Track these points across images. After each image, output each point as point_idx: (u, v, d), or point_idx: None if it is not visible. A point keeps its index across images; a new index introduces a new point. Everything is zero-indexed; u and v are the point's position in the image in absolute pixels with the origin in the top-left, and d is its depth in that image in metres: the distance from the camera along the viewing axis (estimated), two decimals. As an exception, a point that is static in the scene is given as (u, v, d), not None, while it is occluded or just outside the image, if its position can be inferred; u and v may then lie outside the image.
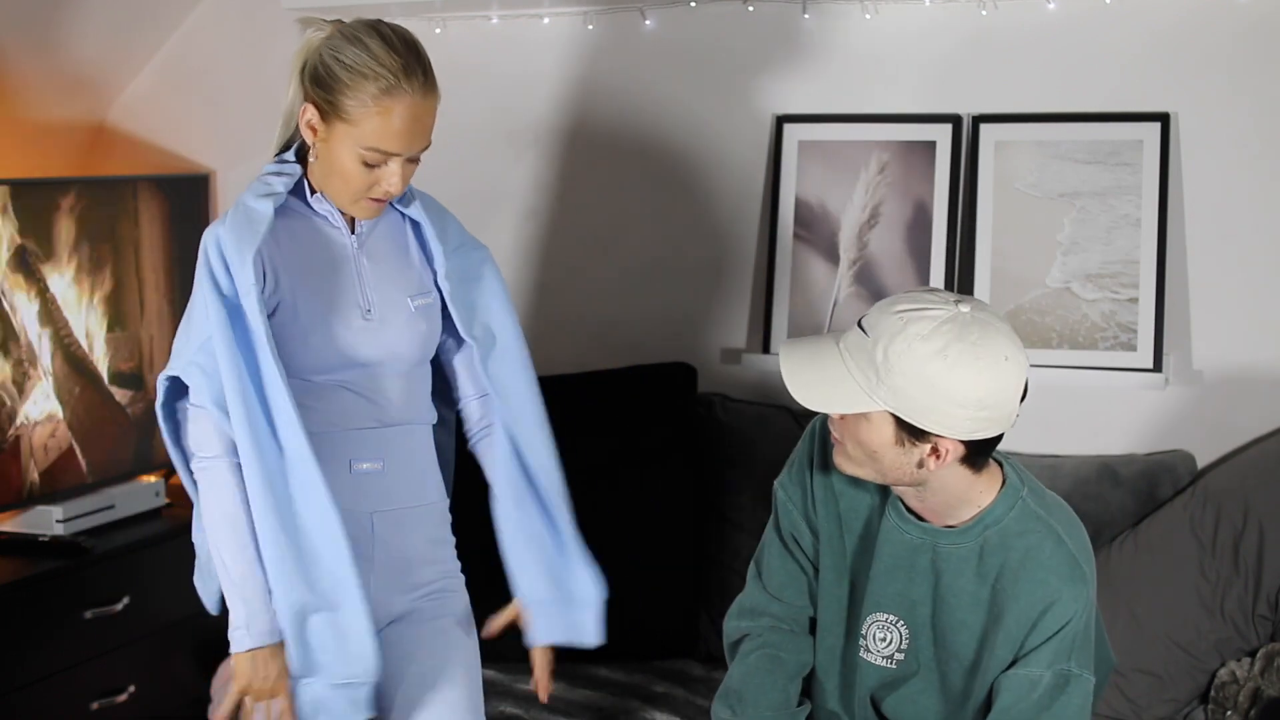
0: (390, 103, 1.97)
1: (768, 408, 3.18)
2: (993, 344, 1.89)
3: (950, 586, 2.04)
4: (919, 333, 1.88)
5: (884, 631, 2.08)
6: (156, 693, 3.26)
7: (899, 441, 1.93)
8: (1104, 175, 3.01)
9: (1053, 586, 1.97)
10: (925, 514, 2.05)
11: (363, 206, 2.06)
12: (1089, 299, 3.00)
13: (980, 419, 1.90)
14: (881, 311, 1.94)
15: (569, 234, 3.45)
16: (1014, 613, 1.98)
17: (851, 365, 1.93)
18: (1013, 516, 2.01)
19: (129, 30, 3.55)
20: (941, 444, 1.92)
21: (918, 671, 2.08)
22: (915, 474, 1.97)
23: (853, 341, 1.95)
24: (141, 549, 3.21)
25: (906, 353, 1.88)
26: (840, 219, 3.19)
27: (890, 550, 2.07)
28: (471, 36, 3.40)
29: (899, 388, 1.89)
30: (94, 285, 3.29)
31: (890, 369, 1.89)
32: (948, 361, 1.87)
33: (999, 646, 2.00)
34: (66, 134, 3.64)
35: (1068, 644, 1.97)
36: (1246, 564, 2.74)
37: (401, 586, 2.15)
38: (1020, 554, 1.99)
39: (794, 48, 3.23)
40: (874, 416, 1.92)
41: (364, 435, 2.10)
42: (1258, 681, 2.69)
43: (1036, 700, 1.97)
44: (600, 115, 3.39)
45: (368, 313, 2.09)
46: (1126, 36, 3.01)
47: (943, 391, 1.87)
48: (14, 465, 3.11)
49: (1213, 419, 2.99)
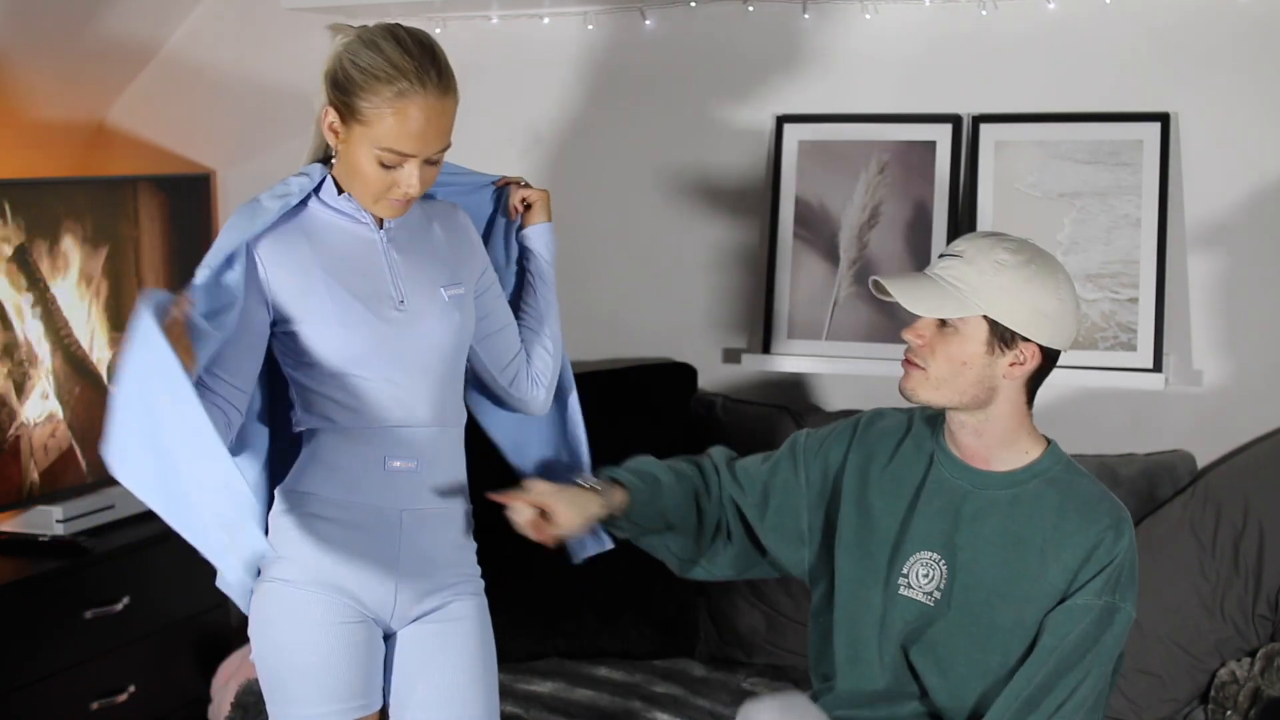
0: (404, 104, 1.99)
1: (768, 408, 3.18)
2: (1060, 267, 2.17)
3: (997, 528, 2.17)
4: (1009, 247, 2.13)
5: (927, 569, 2.21)
6: (156, 693, 3.27)
7: (990, 349, 2.12)
8: (1104, 175, 3.01)
9: (1103, 524, 2.13)
10: (976, 455, 2.20)
11: (385, 206, 2.09)
12: (1089, 299, 3.00)
13: (1058, 327, 2.13)
14: (967, 240, 2.18)
15: (569, 234, 3.43)
16: (1070, 546, 2.13)
17: (947, 283, 2.13)
18: (1059, 469, 2.20)
19: (129, 30, 3.55)
20: (1026, 349, 2.12)
21: (949, 611, 2.17)
22: (990, 389, 2.14)
23: (943, 265, 2.16)
24: (141, 549, 3.21)
25: (1000, 262, 2.11)
26: (840, 219, 3.19)
27: (941, 496, 2.22)
28: (471, 36, 3.40)
29: (995, 293, 2.10)
30: (94, 285, 3.29)
31: (987, 276, 2.11)
32: (1035, 270, 2.11)
33: (1051, 575, 2.13)
34: (66, 134, 3.64)
35: (1115, 578, 2.11)
36: (1246, 564, 2.74)
37: (425, 587, 2.16)
38: (1072, 497, 2.17)
39: (794, 48, 3.23)
40: (969, 326, 2.12)
41: (399, 433, 2.11)
42: (1258, 681, 2.69)
43: (1085, 630, 2.10)
44: (600, 115, 3.39)
45: (400, 304, 2.11)
46: (1126, 36, 3.01)
47: (1031, 296, 2.10)
48: (14, 465, 3.11)
49: (1213, 419, 2.99)
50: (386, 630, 2.17)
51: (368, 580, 2.11)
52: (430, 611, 2.17)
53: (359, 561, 2.10)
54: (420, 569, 2.15)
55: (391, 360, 2.10)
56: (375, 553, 2.11)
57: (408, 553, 2.13)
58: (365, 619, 2.12)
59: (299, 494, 2.12)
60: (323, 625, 2.09)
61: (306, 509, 2.11)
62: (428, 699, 2.15)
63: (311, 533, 2.10)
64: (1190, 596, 2.77)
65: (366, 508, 2.11)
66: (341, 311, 2.07)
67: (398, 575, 2.13)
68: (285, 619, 2.10)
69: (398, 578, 2.13)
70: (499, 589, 2.29)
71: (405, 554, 2.13)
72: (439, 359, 2.14)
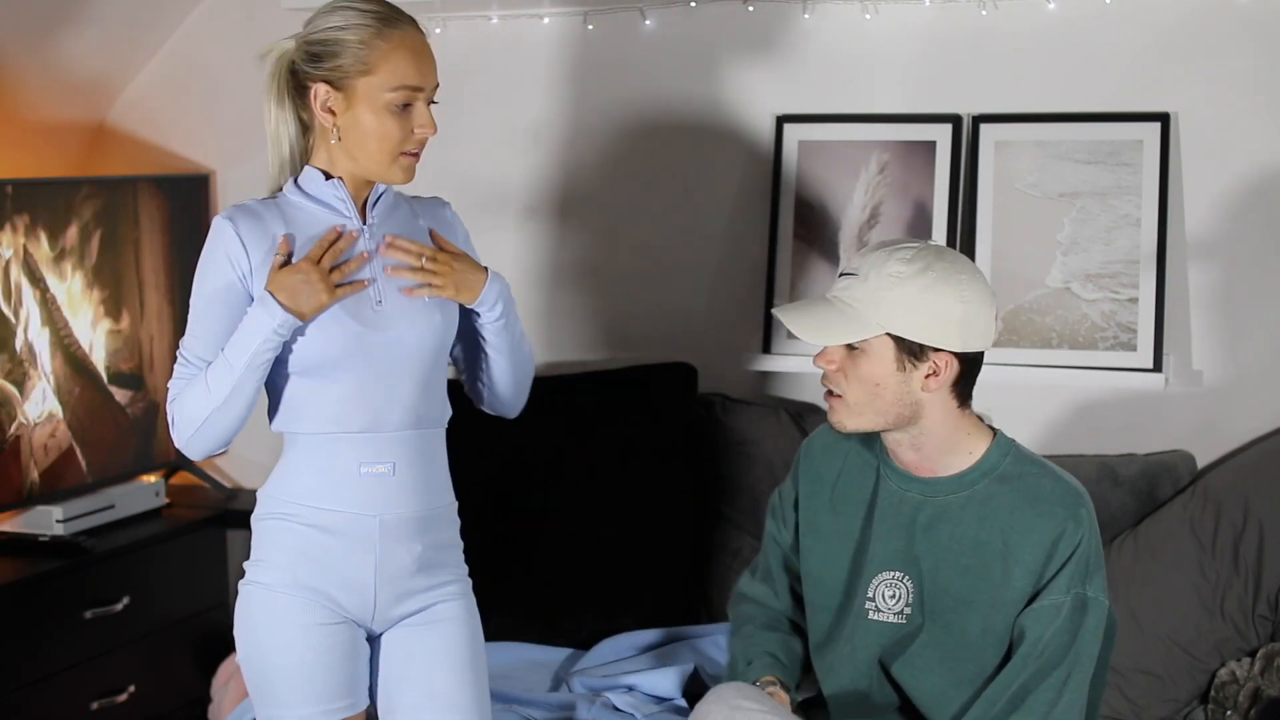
0: (396, 35, 2.02)
1: (768, 408, 3.18)
2: (964, 265, 2.12)
3: (953, 535, 2.15)
4: (903, 258, 2.08)
5: (892, 589, 2.18)
6: (156, 693, 3.27)
7: (900, 365, 2.08)
8: (1104, 175, 3.01)
9: (1059, 517, 2.10)
10: (920, 466, 2.17)
11: (402, 164, 2.07)
12: (1089, 299, 3.00)
13: (969, 330, 2.08)
14: (861, 254, 2.14)
15: (569, 234, 3.45)
16: (1029, 547, 2.10)
17: (845, 305, 2.10)
18: (1008, 462, 2.16)
19: (129, 30, 3.55)
20: (939, 358, 2.08)
21: (922, 625, 2.16)
22: (913, 405, 2.11)
23: (841, 286, 2.13)
24: (141, 549, 3.21)
25: (895, 276, 2.07)
26: (840, 219, 3.19)
27: (892, 511, 2.19)
28: (471, 36, 3.39)
29: (893, 309, 2.06)
30: (94, 285, 3.29)
31: (883, 293, 2.07)
32: (933, 276, 2.06)
33: (1016, 579, 2.10)
34: (66, 134, 3.64)
35: (1082, 568, 2.09)
36: (1246, 564, 2.74)
37: (408, 590, 2.13)
38: (1023, 494, 2.13)
39: (794, 48, 3.23)
40: (874, 346, 2.08)
41: (373, 438, 2.09)
42: (1258, 681, 2.69)
43: (1060, 626, 2.07)
44: (600, 115, 3.39)
45: (378, 304, 2.08)
46: (1126, 36, 3.01)
47: (932, 306, 2.06)
48: (14, 465, 3.11)
49: (1213, 419, 2.99)
50: (370, 632, 2.15)
51: (345, 584, 2.09)
52: (414, 613, 2.15)
53: (336, 566, 2.09)
54: (399, 573, 2.12)
55: (365, 363, 2.07)
56: (352, 558, 2.09)
57: (385, 558, 2.10)
58: (346, 620, 2.10)
59: (277, 498, 2.11)
60: (302, 627, 2.07)
61: (284, 513, 2.10)
62: (416, 702, 2.13)
63: (289, 537, 2.09)
64: (1190, 596, 2.77)
65: (341, 514, 2.08)
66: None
67: (375, 580, 2.10)
68: (266, 622, 2.09)
69: (375, 582, 2.10)
70: (499, 588, 2.29)
71: (382, 559, 2.10)
72: (417, 361, 2.10)
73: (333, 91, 2.03)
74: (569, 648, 2.99)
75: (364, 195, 2.12)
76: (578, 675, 2.78)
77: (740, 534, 3.09)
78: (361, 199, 2.12)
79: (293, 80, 2.08)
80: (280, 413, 2.11)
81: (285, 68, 2.08)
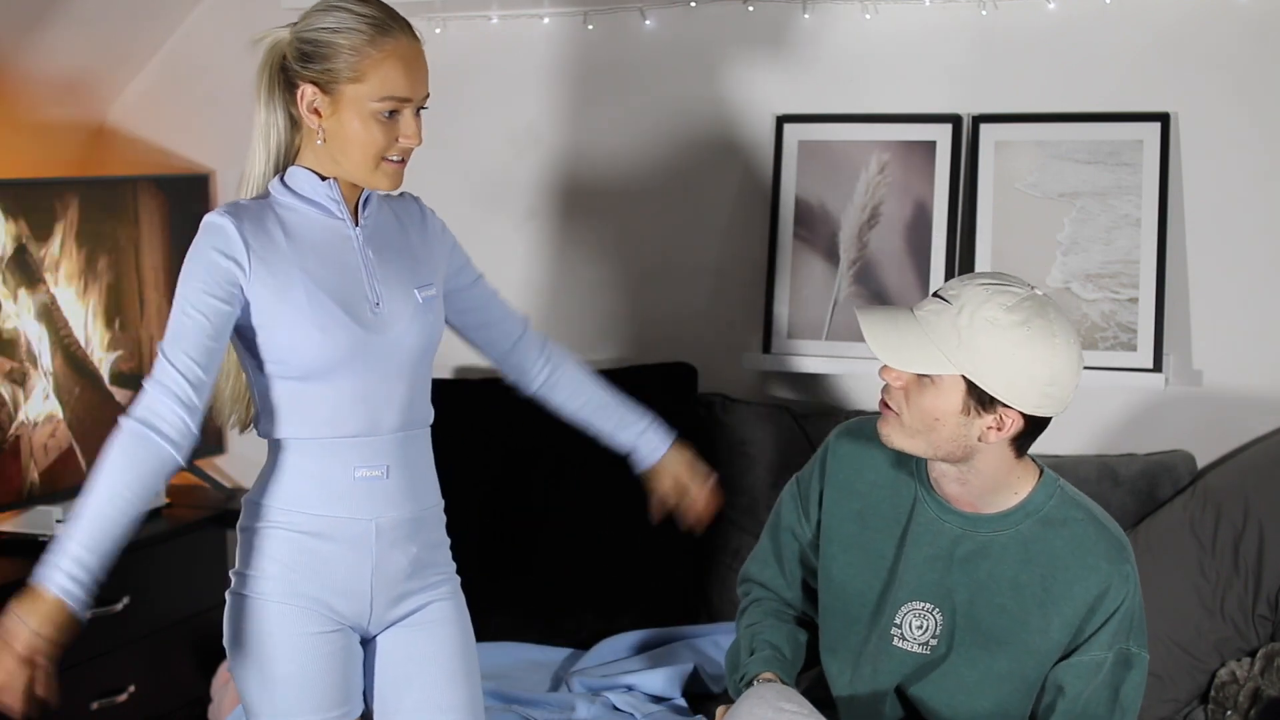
0: (389, 44, 1.98)
1: (768, 408, 3.18)
2: (1066, 327, 1.99)
3: (991, 573, 2.08)
4: (1004, 303, 1.96)
5: (920, 620, 2.12)
6: (156, 693, 3.27)
7: (965, 410, 1.99)
8: (1104, 175, 3.01)
9: (1104, 571, 2.04)
10: (962, 500, 2.10)
11: (386, 171, 2.03)
12: (1089, 299, 3.00)
13: (1047, 395, 1.98)
14: (964, 282, 2.02)
15: (569, 234, 3.45)
16: (1070, 599, 2.04)
17: (931, 330, 1.99)
18: (1053, 504, 2.08)
19: (129, 30, 3.55)
20: (1007, 415, 1.98)
21: (946, 656, 2.11)
22: (967, 449, 2.02)
23: (931, 309, 2.01)
24: (141, 549, 3.20)
25: (990, 322, 1.95)
26: (840, 219, 3.19)
27: (928, 540, 2.11)
28: (471, 36, 3.40)
29: (979, 353, 1.95)
30: (94, 285, 3.29)
31: (974, 334, 1.95)
32: (1029, 333, 1.95)
33: (1054, 630, 2.04)
34: (66, 134, 3.64)
35: (1126, 624, 2.04)
36: (1246, 564, 2.74)
37: (400, 592, 2.13)
38: (1068, 541, 2.06)
39: (794, 48, 3.23)
40: (945, 382, 1.98)
41: (367, 441, 2.07)
42: (1258, 681, 2.69)
43: (1103, 682, 2.02)
44: (600, 115, 3.39)
45: (376, 306, 2.06)
46: (1126, 36, 3.01)
47: (1020, 362, 1.95)
48: (14, 465, 3.11)
49: (1213, 419, 2.99)
50: (364, 635, 2.14)
51: (342, 591, 2.08)
52: (409, 614, 2.14)
53: (332, 573, 2.07)
54: (395, 576, 2.11)
55: (365, 366, 2.04)
56: (348, 564, 2.07)
57: (381, 562, 2.09)
58: (342, 627, 2.09)
59: (265, 506, 2.08)
60: (299, 637, 2.06)
61: (274, 521, 2.07)
62: (413, 704, 2.12)
63: (283, 545, 2.06)
64: (1190, 596, 2.77)
65: (337, 519, 2.06)
66: (316, 310, 2.01)
67: (372, 584, 2.09)
68: (259, 633, 2.06)
69: (372, 587, 2.09)
70: (498, 588, 2.29)
71: (379, 563, 2.09)
72: (410, 362, 2.09)
73: (320, 94, 2.01)
74: (569, 648, 3.00)
75: (356, 197, 2.10)
76: (577, 675, 2.79)
77: (740, 534, 3.09)
78: (353, 200, 2.10)
79: (283, 76, 2.06)
80: (271, 419, 2.07)
81: (276, 62, 2.05)
